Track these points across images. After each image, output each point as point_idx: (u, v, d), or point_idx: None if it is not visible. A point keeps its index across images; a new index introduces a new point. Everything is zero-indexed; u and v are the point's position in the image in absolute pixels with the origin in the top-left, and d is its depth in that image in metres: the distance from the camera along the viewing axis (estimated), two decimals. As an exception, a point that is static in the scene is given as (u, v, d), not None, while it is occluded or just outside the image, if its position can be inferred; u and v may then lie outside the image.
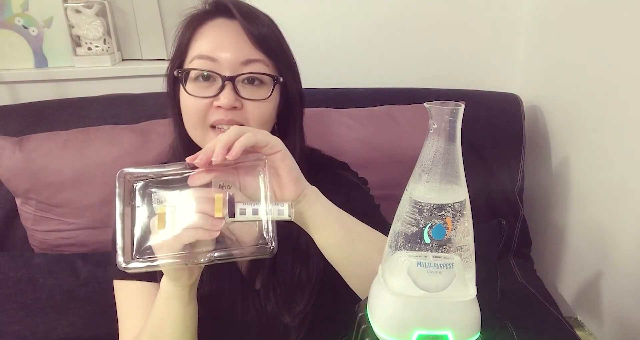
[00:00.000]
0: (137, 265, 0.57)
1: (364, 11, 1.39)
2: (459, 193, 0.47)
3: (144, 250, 0.57)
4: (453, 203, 0.47)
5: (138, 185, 0.58)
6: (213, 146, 0.56)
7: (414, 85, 1.35)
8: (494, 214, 1.25)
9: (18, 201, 1.14)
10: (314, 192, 0.64)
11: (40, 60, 1.46)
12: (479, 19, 1.42)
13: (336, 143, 1.15)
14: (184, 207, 0.55)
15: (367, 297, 0.53)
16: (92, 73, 1.44)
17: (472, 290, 0.49)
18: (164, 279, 0.66)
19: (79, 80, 1.45)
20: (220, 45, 0.74)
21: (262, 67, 0.75)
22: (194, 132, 0.77)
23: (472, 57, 1.45)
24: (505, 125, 1.29)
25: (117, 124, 1.19)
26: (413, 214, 0.47)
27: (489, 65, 1.46)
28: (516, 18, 1.41)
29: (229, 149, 0.56)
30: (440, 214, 0.46)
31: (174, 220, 0.55)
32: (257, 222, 0.58)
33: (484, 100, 1.32)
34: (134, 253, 0.57)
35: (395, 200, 0.50)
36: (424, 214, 0.46)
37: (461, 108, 0.46)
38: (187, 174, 0.58)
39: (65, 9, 1.41)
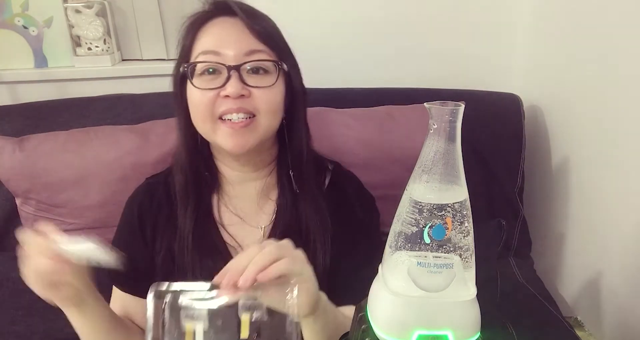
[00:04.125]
0: None
1: (364, 11, 1.39)
2: (459, 193, 0.47)
3: None
4: (453, 203, 0.47)
5: (168, 298, 0.58)
6: (243, 266, 0.57)
7: (414, 85, 1.35)
8: (494, 214, 1.25)
9: (18, 201, 1.14)
10: (324, 304, 0.67)
11: (40, 60, 1.46)
12: (479, 19, 1.42)
13: (336, 143, 1.15)
14: (211, 326, 0.57)
15: (367, 297, 0.53)
16: (92, 73, 1.44)
17: (472, 290, 0.49)
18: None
19: (79, 80, 1.45)
20: (223, 41, 0.76)
21: (265, 56, 0.77)
22: (204, 126, 0.78)
23: (472, 57, 1.45)
24: (505, 125, 1.29)
25: (117, 124, 1.19)
26: (413, 214, 0.47)
27: (489, 65, 1.46)
28: (516, 18, 1.41)
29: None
30: (440, 214, 0.46)
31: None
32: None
33: (484, 100, 1.32)
34: None
35: (395, 200, 0.50)
36: (424, 214, 0.46)
37: (461, 108, 0.46)
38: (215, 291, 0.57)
39: (65, 9, 1.41)
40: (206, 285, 0.58)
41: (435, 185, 0.47)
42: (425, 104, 0.47)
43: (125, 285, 0.85)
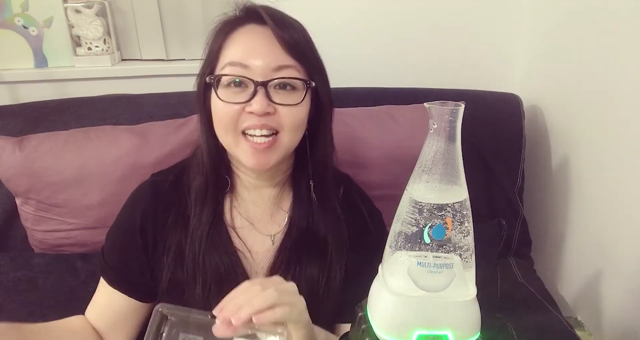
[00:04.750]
0: None
1: (364, 11, 1.39)
2: (459, 193, 0.47)
3: None
4: (453, 203, 0.47)
5: (167, 325, 0.61)
6: (239, 304, 0.58)
7: (414, 85, 1.35)
8: (494, 214, 1.25)
9: (18, 201, 1.14)
10: None
11: (40, 60, 1.46)
12: (479, 19, 1.42)
13: (336, 143, 1.15)
14: None
15: (367, 297, 0.53)
16: (92, 73, 1.44)
17: (472, 290, 0.49)
18: None
19: (79, 80, 1.45)
20: (252, 52, 0.74)
21: (293, 72, 0.75)
22: (225, 138, 0.77)
23: (472, 57, 1.45)
24: (505, 125, 1.29)
25: (117, 124, 1.19)
26: (413, 214, 0.47)
27: (489, 65, 1.46)
28: (516, 18, 1.41)
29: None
30: (440, 214, 0.46)
31: None
32: None
33: (484, 100, 1.32)
34: None
35: (395, 200, 0.50)
36: (424, 214, 0.46)
37: (461, 108, 0.46)
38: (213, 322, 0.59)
39: (65, 9, 1.41)
40: (207, 314, 0.60)
41: (435, 185, 0.47)
42: (425, 104, 0.47)
43: (115, 283, 0.84)
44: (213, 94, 0.76)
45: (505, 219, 1.24)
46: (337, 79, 1.38)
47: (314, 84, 0.77)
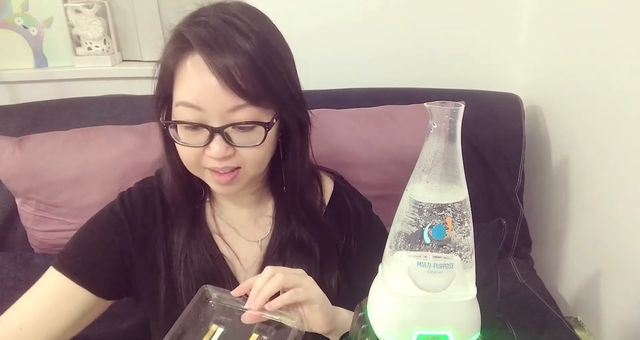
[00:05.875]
0: None
1: (364, 11, 1.39)
2: (459, 193, 0.47)
3: None
4: (453, 203, 0.47)
5: (214, 299, 0.69)
6: (260, 290, 0.64)
7: (414, 85, 1.35)
8: (494, 214, 1.25)
9: (18, 201, 1.14)
10: (344, 320, 0.71)
11: (40, 60, 1.46)
12: (479, 19, 1.42)
13: (336, 143, 1.15)
14: (227, 334, 0.66)
15: (367, 297, 0.53)
16: (92, 73, 1.44)
17: (472, 290, 0.49)
18: None
19: (79, 80, 1.45)
20: (204, 94, 0.68)
21: (251, 114, 0.69)
22: (192, 171, 0.76)
23: (472, 57, 1.45)
24: (505, 125, 1.29)
25: (117, 124, 1.19)
26: (413, 214, 0.47)
27: (489, 65, 1.46)
28: (516, 18, 1.41)
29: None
30: (440, 214, 0.46)
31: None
32: None
33: (484, 100, 1.32)
34: None
35: (395, 200, 0.50)
36: (424, 214, 0.46)
37: (461, 108, 0.46)
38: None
39: (65, 9, 1.41)
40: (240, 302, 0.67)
41: (435, 185, 0.47)
42: (425, 104, 0.47)
43: (78, 275, 0.79)
44: (172, 130, 0.73)
45: (505, 219, 1.24)
46: (337, 79, 1.39)
47: (274, 120, 0.72)
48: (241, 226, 0.86)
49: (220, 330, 0.66)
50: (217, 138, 0.69)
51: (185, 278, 0.79)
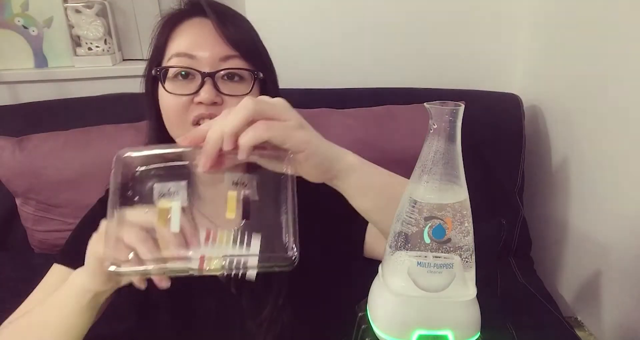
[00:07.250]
0: (129, 270, 0.50)
1: (364, 11, 1.39)
2: (459, 193, 0.47)
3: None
4: (453, 203, 0.47)
5: (139, 170, 0.52)
6: (218, 135, 0.51)
7: (414, 85, 1.35)
8: (494, 214, 1.25)
9: (18, 201, 1.14)
10: (346, 168, 0.61)
11: (40, 60, 1.46)
12: (479, 19, 1.42)
13: (336, 143, 1.15)
14: (191, 203, 0.50)
15: (367, 297, 0.53)
16: (92, 73, 1.44)
17: (472, 290, 0.49)
18: (79, 271, 0.67)
19: (79, 80, 1.45)
20: (198, 43, 0.73)
21: (241, 62, 0.74)
22: (176, 131, 0.76)
23: (472, 57, 1.45)
24: (505, 125, 1.29)
25: (117, 124, 1.19)
26: (413, 214, 0.47)
27: (489, 65, 1.46)
28: (516, 18, 1.41)
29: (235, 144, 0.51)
30: (440, 214, 0.46)
31: (177, 220, 0.50)
32: (276, 223, 0.49)
33: (484, 100, 1.32)
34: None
35: (395, 200, 0.50)
36: (424, 214, 0.46)
37: (461, 108, 0.46)
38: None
39: (65, 9, 1.41)
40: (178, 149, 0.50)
41: (435, 185, 0.47)
42: (425, 104, 0.47)
43: (80, 265, 0.77)
44: (160, 88, 0.76)
45: (505, 219, 1.24)
46: (337, 79, 1.39)
47: (261, 75, 0.76)
48: (217, 216, 0.84)
49: (176, 204, 0.50)
50: (208, 83, 0.72)
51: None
